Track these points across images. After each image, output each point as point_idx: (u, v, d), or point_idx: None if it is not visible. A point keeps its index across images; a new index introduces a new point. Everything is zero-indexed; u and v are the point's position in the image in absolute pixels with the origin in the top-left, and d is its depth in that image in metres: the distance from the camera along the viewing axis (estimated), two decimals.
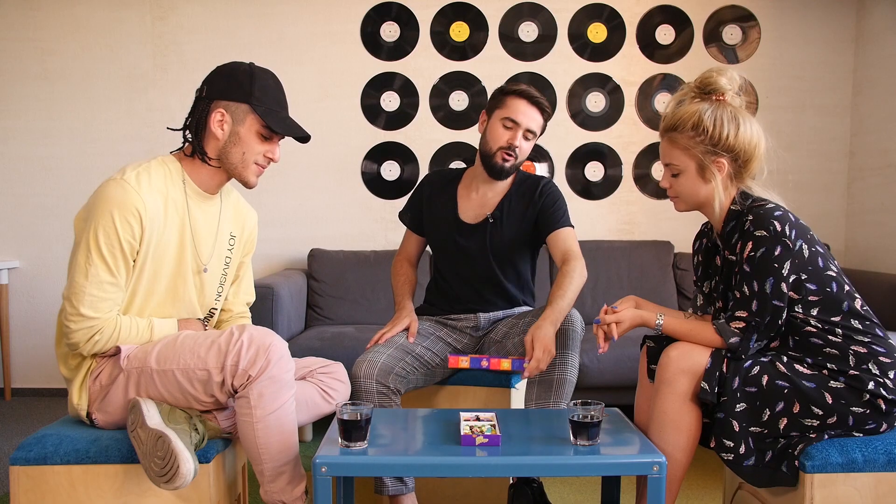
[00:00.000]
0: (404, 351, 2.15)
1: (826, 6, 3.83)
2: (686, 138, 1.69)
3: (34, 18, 3.85)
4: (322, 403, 1.89)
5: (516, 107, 2.17)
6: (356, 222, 3.92)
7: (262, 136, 1.74)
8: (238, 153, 1.74)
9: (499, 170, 2.20)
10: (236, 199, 1.94)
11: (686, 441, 1.67)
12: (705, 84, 1.73)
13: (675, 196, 1.78)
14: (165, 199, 1.70)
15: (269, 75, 1.77)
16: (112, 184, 1.63)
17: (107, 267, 1.62)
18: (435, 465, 1.52)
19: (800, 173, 3.86)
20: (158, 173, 1.71)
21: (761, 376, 1.61)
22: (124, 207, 1.61)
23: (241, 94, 1.71)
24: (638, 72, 3.87)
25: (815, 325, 1.63)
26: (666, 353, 1.69)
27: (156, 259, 1.70)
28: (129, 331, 1.68)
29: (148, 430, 1.57)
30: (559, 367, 2.00)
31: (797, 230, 1.63)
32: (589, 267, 3.56)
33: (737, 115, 1.69)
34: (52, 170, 3.90)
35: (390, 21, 3.86)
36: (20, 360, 3.95)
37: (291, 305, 3.30)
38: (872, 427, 1.61)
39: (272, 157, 1.78)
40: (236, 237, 1.91)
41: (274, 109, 1.74)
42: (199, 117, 1.74)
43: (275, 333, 1.68)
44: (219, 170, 1.78)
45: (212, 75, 1.76)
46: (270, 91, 1.74)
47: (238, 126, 1.72)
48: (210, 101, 1.73)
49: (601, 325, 1.81)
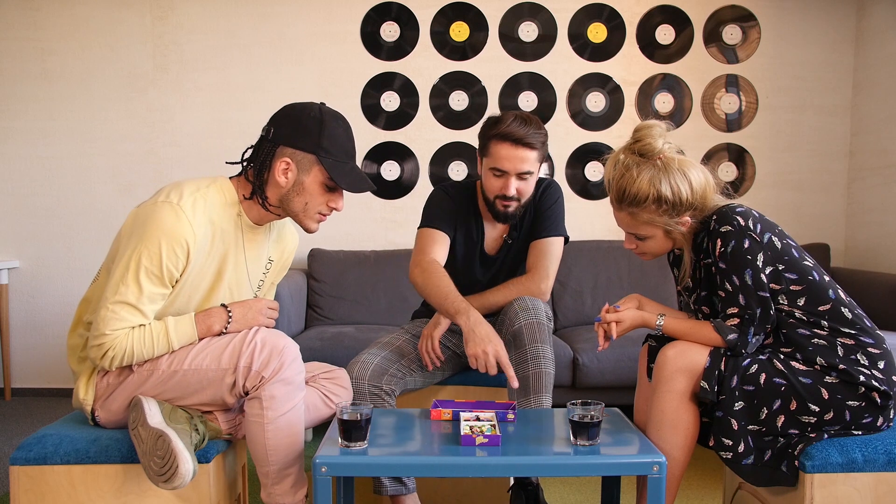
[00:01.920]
0: (400, 353, 2.14)
1: (826, 6, 3.83)
2: (649, 213, 1.71)
3: (34, 18, 3.85)
4: (324, 409, 1.89)
5: (501, 154, 2.03)
6: (356, 222, 3.92)
7: (327, 187, 1.69)
8: (301, 202, 1.70)
9: (504, 216, 2.12)
10: (282, 225, 1.89)
11: (684, 440, 1.67)
12: (644, 150, 1.73)
13: (642, 253, 1.82)
14: (215, 229, 1.66)
15: (340, 122, 1.70)
16: (166, 208, 1.59)
17: (140, 291, 1.59)
18: (435, 465, 1.52)
19: (800, 173, 3.86)
20: (215, 203, 1.67)
21: (759, 374, 1.62)
22: (174, 237, 1.57)
23: (309, 143, 1.65)
24: (638, 72, 3.87)
25: (800, 317, 1.65)
26: (663, 352, 1.70)
27: (192, 286, 1.68)
28: (143, 341, 1.62)
29: (149, 428, 1.57)
30: (531, 361, 1.97)
31: (762, 224, 1.67)
32: (589, 267, 3.62)
33: (684, 171, 1.70)
34: (52, 170, 3.90)
35: (390, 21, 3.86)
36: (20, 360, 3.95)
37: (291, 305, 3.30)
38: (869, 421, 1.62)
39: (336, 207, 1.73)
40: (274, 261, 1.88)
41: (341, 161, 1.68)
42: (263, 160, 1.68)
43: (287, 336, 1.68)
44: (276, 213, 1.74)
45: (280, 117, 1.69)
46: (339, 140, 1.68)
47: (303, 175, 1.67)
48: (276, 145, 1.67)
49: (601, 324, 1.82)
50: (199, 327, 1.69)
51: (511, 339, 2.02)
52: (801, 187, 3.86)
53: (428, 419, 1.77)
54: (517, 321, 2.01)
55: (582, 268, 3.65)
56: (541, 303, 2.07)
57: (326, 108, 1.70)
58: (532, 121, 2.05)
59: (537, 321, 2.00)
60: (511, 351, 2.01)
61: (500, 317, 2.16)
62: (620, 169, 1.75)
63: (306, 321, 3.60)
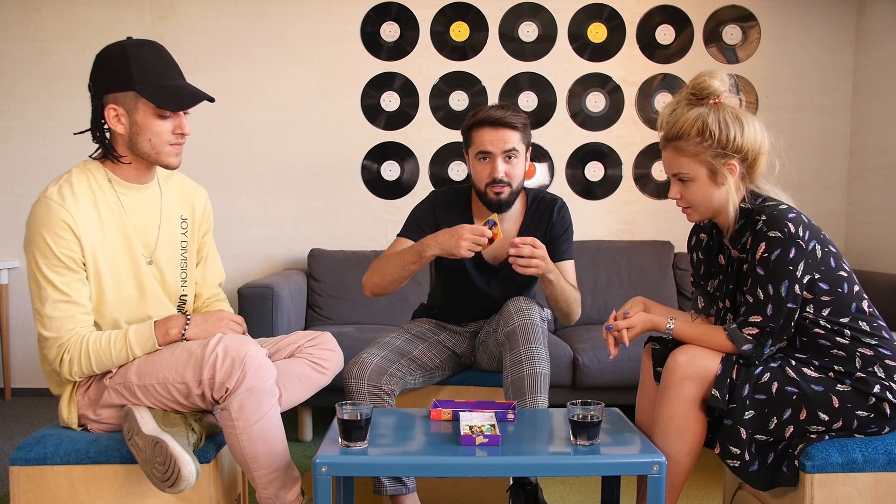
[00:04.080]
0: (400, 353, 2.14)
1: (826, 6, 3.83)
2: (693, 145, 1.65)
3: (34, 18, 3.85)
4: (316, 376, 1.85)
5: (482, 137, 2.07)
6: (356, 222, 3.92)
7: (161, 115, 1.63)
8: (145, 142, 1.65)
9: (497, 204, 2.11)
10: (180, 181, 1.86)
11: (691, 446, 1.66)
12: (699, 89, 1.69)
13: (687, 206, 1.73)
14: (95, 203, 1.65)
15: (146, 48, 1.64)
16: (37, 205, 1.61)
17: (54, 287, 1.59)
18: (435, 465, 1.52)
19: (800, 173, 3.85)
20: (80, 181, 1.66)
21: (771, 383, 1.60)
22: (52, 224, 1.58)
23: (122, 81, 1.60)
24: (638, 72, 3.87)
25: (824, 325, 1.62)
26: (673, 357, 1.67)
27: (108, 263, 1.66)
28: (99, 344, 1.62)
29: (144, 437, 1.56)
30: (526, 362, 1.97)
31: (810, 231, 1.61)
32: (589, 267, 3.61)
33: (738, 116, 1.67)
34: (52, 170, 3.87)
35: (390, 21, 3.85)
36: (20, 360, 3.95)
37: (291, 305, 3.30)
38: (874, 430, 1.61)
39: (182, 131, 1.67)
40: (188, 219, 1.85)
41: (161, 85, 1.62)
42: (96, 117, 1.66)
43: (251, 341, 1.65)
44: (138, 162, 1.70)
45: (93, 69, 1.65)
46: (149, 65, 1.61)
47: (134, 115, 1.63)
48: (99, 98, 1.64)
49: (611, 332, 1.79)
50: (158, 331, 1.67)
51: (505, 340, 2.02)
52: (801, 187, 3.85)
53: (428, 419, 1.77)
54: (511, 322, 2.01)
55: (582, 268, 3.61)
56: (535, 304, 2.07)
57: (130, 41, 1.65)
58: (508, 106, 2.11)
59: (531, 322, 2.00)
60: (506, 352, 2.01)
61: (496, 318, 2.16)
62: (671, 106, 1.72)
63: (306, 321, 3.59)
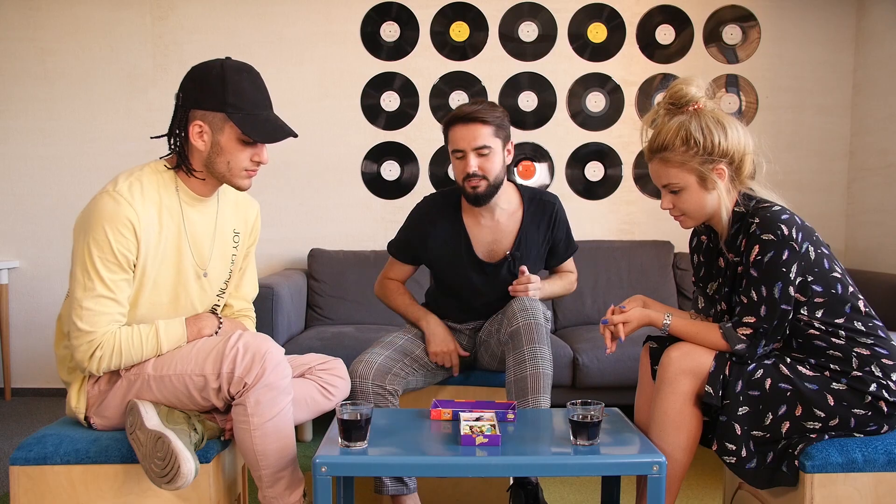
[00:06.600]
0: (403, 352, 2.14)
1: (826, 6, 3.83)
2: (679, 154, 1.66)
3: (34, 18, 3.85)
4: (322, 400, 1.87)
5: (454, 135, 2.11)
6: (356, 222, 3.92)
7: (244, 142, 1.65)
8: (223, 163, 1.67)
9: (474, 198, 2.12)
10: (236, 194, 1.87)
11: (687, 441, 1.66)
12: (677, 98, 1.70)
13: (680, 214, 1.73)
14: (159, 208, 1.66)
15: (244, 74, 1.66)
16: (104, 197, 1.59)
17: (102, 281, 1.58)
18: (435, 465, 1.52)
19: (800, 173, 3.86)
20: (151, 182, 1.66)
21: (764, 380, 1.61)
22: (117, 220, 1.57)
23: (215, 101, 1.62)
24: (638, 72, 3.87)
25: (819, 326, 1.62)
26: (667, 353, 1.68)
27: (155, 268, 1.66)
28: (132, 341, 1.62)
29: (147, 431, 1.56)
30: (529, 361, 1.97)
31: (803, 232, 1.62)
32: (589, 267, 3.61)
33: (720, 119, 1.67)
34: (52, 170, 3.90)
35: (390, 21, 3.86)
36: (20, 360, 3.95)
37: (291, 305, 3.30)
38: (874, 429, 1.61)
39: (260, 160, 1.69)
40: (240, 232, 1.86)
41: (252, 113, 1.64)
42: (178, 128, 1.67)
43: (271, 339, 1.66)
44: (211, 179, 1.72)
45: (185, 81, 1.67)
46: (245, 93, 1.64)
47: (218, 136, 1.64)
48: (186, 110, 1.65)
49: (608, 326, 1.80)
50: (190, 329, 1.69)
51: (509, 340, 2.01)
52: (801, 187, 3.86)
53: (428, 419, 1.77)
54: (515, 322, 2.01)
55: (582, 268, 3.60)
56: (539, 304, 2.07)
57: (230, 63, 1.65)
58: (483, 101, 2.13)
59: (535, 322, 2.00)
60: (509, 351, 2.01)
61: (499, 317, 2.16)
62: (650, 117, 1.73)
63: (306, 321, 3.59)
